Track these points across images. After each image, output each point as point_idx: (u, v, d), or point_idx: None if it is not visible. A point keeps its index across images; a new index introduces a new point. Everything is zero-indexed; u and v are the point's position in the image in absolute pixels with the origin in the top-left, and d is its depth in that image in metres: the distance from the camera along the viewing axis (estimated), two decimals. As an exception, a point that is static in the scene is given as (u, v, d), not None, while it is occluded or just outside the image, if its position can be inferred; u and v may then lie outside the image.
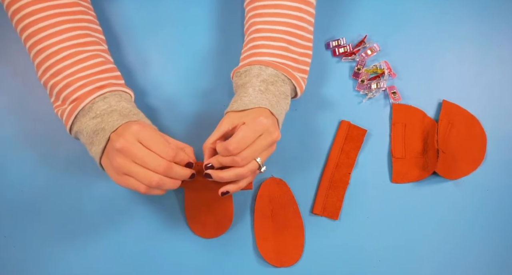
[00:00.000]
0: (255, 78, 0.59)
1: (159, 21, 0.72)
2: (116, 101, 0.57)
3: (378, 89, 0.71)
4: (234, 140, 0.53)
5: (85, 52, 0.58)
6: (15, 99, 0.68)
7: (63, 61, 0.57)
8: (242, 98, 0.59)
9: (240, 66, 0.62)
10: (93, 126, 0.55)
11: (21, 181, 0.66)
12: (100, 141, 0.55)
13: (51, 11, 0.57)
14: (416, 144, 0.71)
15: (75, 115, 0.57)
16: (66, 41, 0.57)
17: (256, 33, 0.62)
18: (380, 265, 0.67)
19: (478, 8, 0.76)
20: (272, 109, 0.58)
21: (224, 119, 0.58)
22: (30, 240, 0.65)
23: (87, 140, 0.57)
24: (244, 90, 0.59)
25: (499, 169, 0.71)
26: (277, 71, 0.60)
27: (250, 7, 0.63)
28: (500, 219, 0.70)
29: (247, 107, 0.57)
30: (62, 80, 0.57)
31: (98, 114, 0.56)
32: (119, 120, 0.55)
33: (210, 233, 0.66)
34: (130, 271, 0.65)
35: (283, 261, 0.66)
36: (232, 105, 0.59)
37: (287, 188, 0.68)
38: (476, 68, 0.74)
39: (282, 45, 0.61)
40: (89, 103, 0.56)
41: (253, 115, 0.56)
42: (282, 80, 0.60)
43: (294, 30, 0.61)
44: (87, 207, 0.66)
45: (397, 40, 0.74)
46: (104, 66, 0.59)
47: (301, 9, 0.61)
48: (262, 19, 0.61)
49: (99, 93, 0.57)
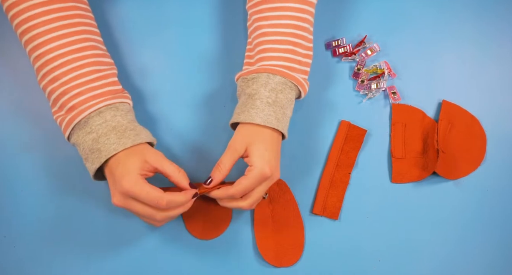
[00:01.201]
0: (263, 87, 0.59)
1: (159, 23, 0.72)
2: (111, 116, 0.57)
3: (378, 89, 0.71)
4: (240, 189, 0.57)
5: (82, 59, 0.58)
6: (15, 101, 0.68)
7: (60, 68, 0.57)
8: (249, 110, 0.59)
9: (248, 72, 0.61)
10: (90, 143, 0.56)
11: (21, 181, 0.66)
12: (94, 161, 0.56)
13: (49, 16, 0.57)
14: (416, 144, 0.71)
15: (72, 127, 0.57)
16: (64, 47, 0.57)
17: (262, 37, 0.61)
18: (380, 265, 0.67)
19: (478, 8, 0.76)
20: (278, 123, 0.59)
21: (237, 142, 0.59)
22: (30, 240, 0.65)
23: (83, 155, 0.58)
24: (252, 102, 0.59)
25: (499, 169, 0.71)
26: (285, 78, 0.60)
27: (254, 9, 0.63)
28: (500, 219, 0.70)
29: (254, 121, 0.58)
30: (59, 87, 0.57)
31: (94, 129, 0.56)
32: (115, 145, 0.56)
33: (208, 234, 0.66)
34: (128, 273, 0.65)
35: (283, 261, 0.66)
36: (239, 116, 0.59)
37: (287, 188, 0.68)
38: (476, 68, 0.74)
39: (289, 47, 0.61)
40: (85, 118, 0.57)
41: (259, 151, 0.57)
42: (289, 87, 0.61)
43: (299, 31, 0.61)
44: (87, 208, 0.66)
45: (397, 40, 0.74)
46: (101, 73, 0.59)
47: (304, 10, 0.61)
48: (268, 22, 0.61)
49: (95, 108, 0.57)
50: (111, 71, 0.61)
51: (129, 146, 0.56)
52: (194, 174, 0.67)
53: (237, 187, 0.57)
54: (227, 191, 0.57)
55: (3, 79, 0.69)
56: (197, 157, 0.68)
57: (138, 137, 0.58)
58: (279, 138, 0.61)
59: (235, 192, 0.57)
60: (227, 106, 0.70)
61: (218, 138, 0.68)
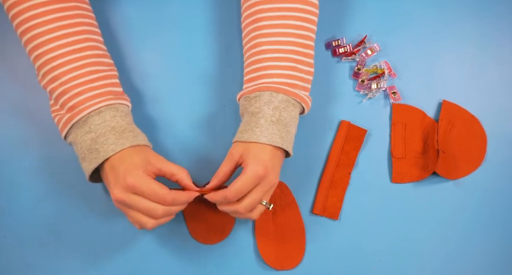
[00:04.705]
0: (266, 106, 0.59)
1: (160, 25, 0.71)
2: (111, 116, 0.57)
3: (378, 89, 0.71)
4: (233, 190, 0.55)
5: (82, 59, 0.58)
6: (14, 101, 0.68)
7: (60, 67, 0.57)
8: (253, 128, 0.58)
9: (250, 90, 0.61)
10: (89, 142, 0.56)
11: (21, 181, 0.66)
12: (92, 161, 0.56)
13: (50, 16, 0.57)
14: (416, 144, 0.71)
15: (70, 126, 0.57)
16: (64, 47, 0.57)
17: (262, 54, 0.60)
18: (380, 265, 0.67)
19: (478, 8, 0.76)
20: (282, 141, 0.58)
21: (234, 148, 0.59)
22: (30, 240, 0.65)
23: (80, 154, 0.57)
24: (255, 120, 0.59)
25: (499, 169, 0.71)
26: (288, 96, 0.60)
27: (253, 27, 0.62)
28: (500, 219, 0.70)
29: (259, 141, 0.57)
30: (59, 86, 0.57)
31: (92, 129, 0.56)
32: (113, 145, 0.55)
33: (212, 239, 0.65)
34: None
35: (284, 264, 0.66)
36: (243, 135, 0.59)
37: (288, 190, 0.68)
38: (476, 68, 0.74)
39: (290, 64, 0.60)
40: (84, 117, 0.57)
41: (257, 158, 0.56)
42: (292, 105, 0.60)
43: (300, 49, 0.61)
44: (87, 209, 0.66)
45: (397, 40, 0.74)
46: (101, 74, 0.59)
47: (305, 28, 0.61)
48: (268, 39, 0.60)
49: (95, 108, 0.57)
50: (111, 72, 0.61)
51: (127, 146, 0.56)
52: (194, 177, 0.66)
53: (231, 188, 0.55)
54: (222, 192, 0.57)
55: (2, 79, 0.69)
56: (196, 160, 0.68)
57: (136, 139, 0.58)
58: (282, 155, 0.60)
59: (229, 193, 0.55)
60: (227, 106, 0.70)
61: (218, 140, 0.68)
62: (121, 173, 0.54)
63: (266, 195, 0.59)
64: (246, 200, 0.56)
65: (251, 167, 0.55)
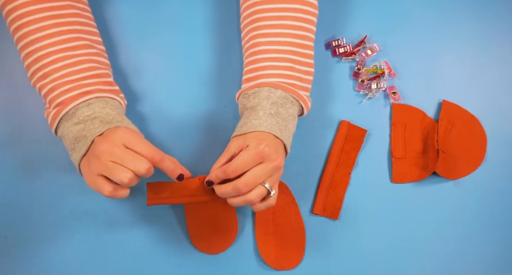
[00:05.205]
0: (265, 100, 0.59)
1: (158, 24, 0.71)
2: (100, 108, 0.57)
3: (378, 89, 0.71)
4: (233, 164, 0.54)
5: (74, 57, 0.58)
6: (7, 100, 0.68)
7: (51, 64, 0.57)
8: (252, 120, 0.58)
9: (248, 87, 0.61)
10: (76, 132, 0.55)
11: (21, 181, 0.66)
12: (81, 148, 0.55)
13: (43, 14, 0.57)
14: (416, 144, 0.71)
15: (59, 119, 0.57)
16: (56, 44, 0.57)
17: (260, 54, 0.60)
18: (380, 265, 0.67)
19: (478, 8, 0.76)
20: (281, 133, 0.58)
21: (232, 142, 0.58)
22: (30, 240, 0.65)
23: (69, 145, 0.57)
24: (254, 113, 0.58)
25: (499, 169, 0.71)
26: (286, 93, 0.60)
27: (251, 27, 0.62)
28: (500, 219, 0.70)
29: (258, 129, 0.57)
30: (49, 83, 0.57)
31: (81, 120, 0.56)
32: (100, 128, 0.55)
33: (216, 248, 0.65)
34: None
35: (284, 264, 0.66)
36: (242, 128, 0.58)
37: (288, 190, 0.68)
38: (476, 68, 0.74)
39: (288, 65, 0.60)
40: (73, 108, 0.56)
41: (257, 139, 0.56)
42: (291, 102, 0.60)
43: (298, 49, 0.61)
44: (87, 211, 0.66)
45: (397, 40, 0.74)
46: (93, 72, 0.59)
47: (303, 28, 0.61)
48: (266, 39, 0.60)
49: (84, 99, 0.56)
50: (104, 70, 0.61)
51: (113, 127, 0.55)
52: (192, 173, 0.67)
53: (231, 163, 0.54)
54: (222, 167, 0.54)
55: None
56: (196, 160, 0.68)
57: (129, 126, 0.57)
58: (282, 149, 0.59)
59: (228, 167, 0.53)
60: (227, 106, 0.70)
61: (218, 140, 0.68)
62: (109, 133, 0.53)
63: (270, 179, 0.56)
64: (247, 174, 0.54)
65: (252, 145, 0.54)
